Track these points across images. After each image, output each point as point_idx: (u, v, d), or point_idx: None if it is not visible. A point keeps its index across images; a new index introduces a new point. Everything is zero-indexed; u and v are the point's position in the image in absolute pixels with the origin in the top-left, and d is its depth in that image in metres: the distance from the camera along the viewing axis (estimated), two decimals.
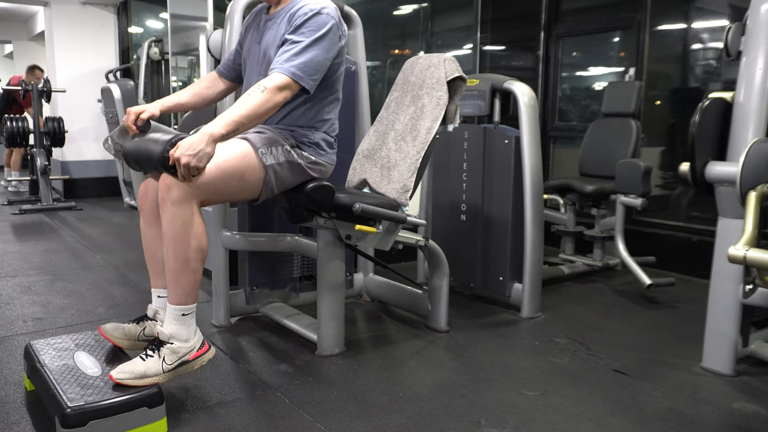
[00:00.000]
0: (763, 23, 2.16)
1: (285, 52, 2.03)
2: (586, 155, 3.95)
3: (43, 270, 3.71)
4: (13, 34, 10.84)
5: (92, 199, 6.84)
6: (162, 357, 1.85)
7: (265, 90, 1.95)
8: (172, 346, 1.87)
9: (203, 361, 1.93)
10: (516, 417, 1.96)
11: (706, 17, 4.14)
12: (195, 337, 1.93)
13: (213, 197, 1.99)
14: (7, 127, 6.17)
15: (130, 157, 2.00)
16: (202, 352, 1.93)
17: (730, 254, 2.00)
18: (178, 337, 1.88)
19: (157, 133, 1.94)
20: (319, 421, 1.91)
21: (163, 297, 2.10)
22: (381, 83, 5.29)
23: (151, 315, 2.12)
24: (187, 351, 1.89)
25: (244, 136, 2.08)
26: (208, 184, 1.89)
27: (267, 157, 2.06)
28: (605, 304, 3.25)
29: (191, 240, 1.85)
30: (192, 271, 1.88)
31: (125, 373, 1.80)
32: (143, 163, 1.95)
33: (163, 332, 1.89)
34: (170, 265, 1.88)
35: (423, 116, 2.43)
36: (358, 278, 3.17)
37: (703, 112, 2.20)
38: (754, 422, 1.97)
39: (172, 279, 1.88)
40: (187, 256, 1.86)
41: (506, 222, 3.00)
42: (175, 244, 1.85)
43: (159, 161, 1.81)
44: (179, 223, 1.83)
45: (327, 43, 2.06)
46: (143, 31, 7.34)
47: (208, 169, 1.87)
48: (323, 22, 2.06)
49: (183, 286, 1.88)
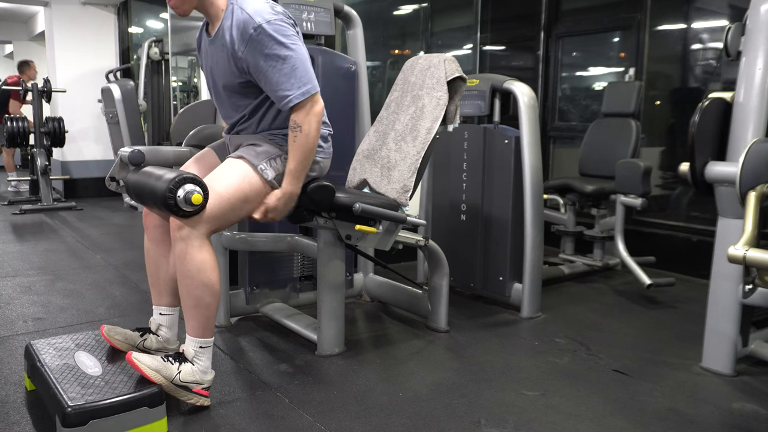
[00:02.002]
0: (763, 23, 2.16)
1: (276, 85, 1.97)
2: (586, 155, 3.95)
3: (43, 270, 3.71)
4: (13, 34, 10.83)
5: (92, 199, 6.84)
6: (179, 370, 1.90)
7: (298, 128, 1.99)
8: (194, 367, 1.93)
9: (199, 401, 1.96)
10: (516, 417, 1.96)
11: (706, 17, 4.14)
12: (210, 375, 1.99)
13: (223, 225, 2.02)
14: (7, 127, 6.17)
15: (132, 194, 2.04)
16: (203, 393, 1.97)
17: (729, 254, 2.00)
18: (199, 365, 1.95)
19: (160, 170, 1.95)
20: (319, 421, 1.92)
21: (165, 315, 2.16)
22: (381, 83, 5.30)
23: (154, 329, 2.16)
24: (199, 381, 1.94)
25: (239, 155, 2.06)
26: (216, 216, 1.92)
27: (267, 172, 2.04)
28: (605, 304, 3.26)
29: (203, 278, 1.91)
30: (205, 307, 1.93)
31: (142, 359, 1.85)
32: (146, 200, 2.00)
33: (189, 351, 1.95)
34: (184, 299, 1.95)
35: (423, 116, 2.43)
36: (358, 278, 3.17)
37: (703, 112, 2.20)
38: (754, 422, 1.97)
39: (187, 312, 1.95)
40: (198, 293, 1.92)
41: (506, 222, 3.00)
42: (188, 281, 1.91)
43: (161, 201, 1.83)
44: (191, 262, 1.89)
45: (291, 40, 1.98)
46: (143, 31, 7.35)
47: (212, 203, 1.89)
48: (273, 30, 1.93)
49: (198, 320, 1.94)
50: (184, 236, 1.88)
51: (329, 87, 2.83)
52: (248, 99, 2.10)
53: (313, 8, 2.80)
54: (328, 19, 2.85)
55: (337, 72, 2.91)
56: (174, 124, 3.37)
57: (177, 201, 1.81)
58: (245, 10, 1.95)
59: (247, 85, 2.06)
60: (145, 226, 2.15)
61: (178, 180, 1.81)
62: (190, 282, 1.90)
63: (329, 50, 2.91)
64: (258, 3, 1.98)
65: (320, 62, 2.81)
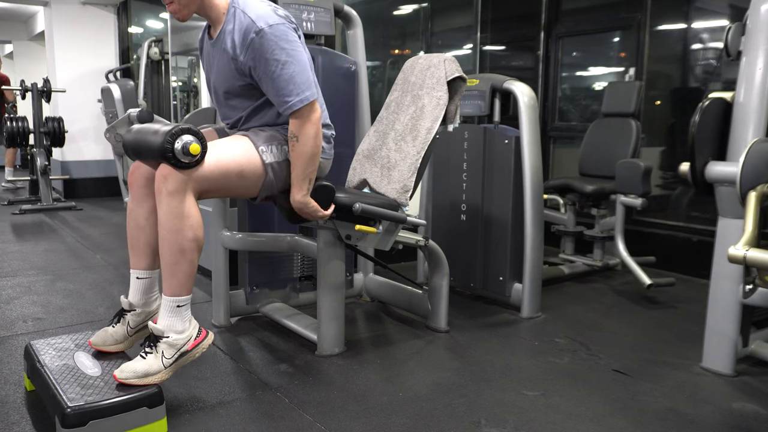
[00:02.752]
0: (763, 23, 2.16)
1: (275, 90, 1.97)
2: (586, 155, 3.95)
3: (43, 270, 3.71)
4: (13, 34, 10.83)
5: (92, 199, 6.84)
6: (161, 352, 1.84)
7: (297, 137, 1.99)
8: (168, 339, 1.85)
9: (204, 347, 1.92)
10: (516, 417, 1.96)
11: (706, 17, 4.14)
12: (191, 326, 1.91)
13: (211, 190, 1.95)
14: (7, 127, 6.17)
15: (129, 147, 1.97)
16: (200, 339, 1.92)
17: (730, 254, 2.00)
18: (172, 330, 1.87)
19: (157, 125, 1.93)
20: (319, 421, 1.91)
21: (143, 278, 2.05)
22: (381, 83, 5.29)
23: (127, 307, 2.06)
24: (185, 341, 1.88)
25: (245, 133, 2.08)
26: (207, 176, 1.88)
27: (267, 155, 2.04)
28: (605, 304, 3.25)
29: (187, 230, 1.83)
30: (188, 261, 1.86)
31: (128, 372, 1.79)
32: (142, 152, 1.93)
33: (157, 327, 1.86)
34: (165, 256, 1.86)
35: (423, 116, 2.43)
36: (358, 278, 3.17)
37: (703, 112, 2.20)
38: (754, 422, 1.97)
39: (168, 270, 1.86)
40: (183, 246, 1.84)
41: (506, 222, 3.00)
42: (171, 235, 1.83)
43: (158, 151, 1.79)
44: (175, 213, 1.81)
45: (292, 46, 1.98)
46: (143, 31, 7.34)
47: (208, 162, 1.86)
48: (274, 35, 1.93)
49: (178, 277, 1.86)
50: (170, 189, 1.81)
51: (329, 87, 2.83)
52: (249, 101, 2.11)
53: (313, 8, 2.80)
54: (328, 19, 2.85)
55: (337, 72, 2.91)
56: None
57: (175, 151, 1.77)
58: (247, 14, 1.95)
59: (248, 88, 2.06)
60: (130, 185, 2.05)
61: (176, 131, 1.79)
62: (173, 236, 1.82)
63: (329, 50, 2.91)
64: (261, 7, 1.98)
65: (320, 62, 2.81)
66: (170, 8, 1.99)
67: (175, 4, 1.97)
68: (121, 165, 6.48)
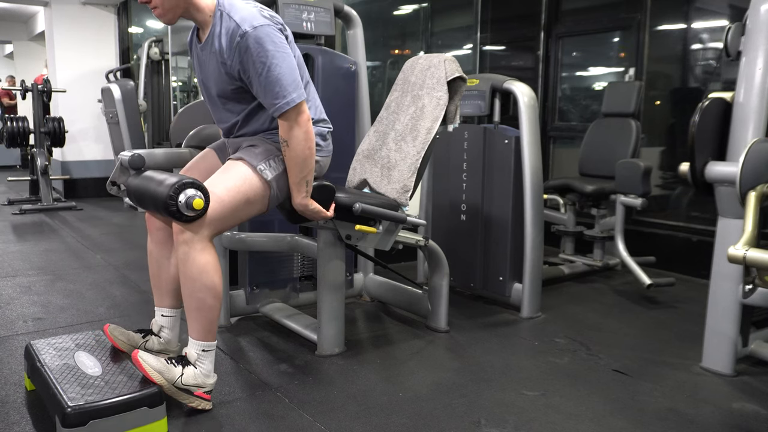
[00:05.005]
0: (763, 23, 2.16)
1: (263, 92, 1.97)
2: (586, 155, 3.95)
3: (43, 270, 3.71)
4: (13, 34, 10.84)
5: (92, 199, 6.84)
6: (182, 373, 1.90)
7: (286, 141, 2.00)
8: (196, 371, 1.93)
9: (200, 404, 1.95)
10: (516, 417, 1.96)
11: (706, 17, 4.14)
12: (212, 379, 1.98)
13: (225, 227, 2.02)
14: (7, 127, 6.17)
15: (133, 198, 2.05)
16: (205, 397, 1.96)
17: (729, 254, 2.00)
18: (202, 368, 1.95)
19: (159, 176, 1.95)
20: (319, 421, 1.92)
21: (167, 316, 2.17)
22: (381, 83, 5.30)
23: (156, 330, 2.17)
24: (201, 385, 1.94)
25: (239, 156, 2.05)
26: (217, 219, 1.93)
27: (266, 172, 2.03)
28: (605, 304, 3.25)
29: (206, 281, 1.91)
30: (207, 309, 1.94)
31: (147, 359, 1.85)
32: (147, 205, 2.00)
33: (192, 355, 1.94)
34: (187, 302, 1.95)
35: (423, 116, 2.43)
36: (358, 278, 3.17)
37: (703, 112, 2.20)
38: (754, 422, 1.97)
39: (190, 315, 1.95)
40: (201, 296, 1.92)
41: (506, 222, 3.00)
42: (191, 284, 1.91)
43: (162, 207, 1.84)
44: (193, 266, 1.89)
45: (277, 47, 1.95)
46: (143, 31, 7.35)
47: (214, 206, 1.89)
48: (259, 36, 1.91)
49: (201, 323, 1.94)
50: (187, 240, 1.88)
51: (329, 87, 2.83)
52: (242, 104, 2.09)
53: (313, 8, 2.80)
54: (328, 19, 2.85)
55: (337, 72, 2.91)
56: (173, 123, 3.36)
57: (179, 206, 1.81)
58: (233, 17, 1.93)
59: (240, 91, 2.04)
60: (149, 229, 2.15)
61: (179, 185, 1.81)
62: (192, 285, 1.90)
63: (329, 50, 2.91)
64: (245, 9, 1.96)
65: (320, 62, 2.81)
66: (155, 12, 1.98)
67: (159, 9, 1.95)
68: None
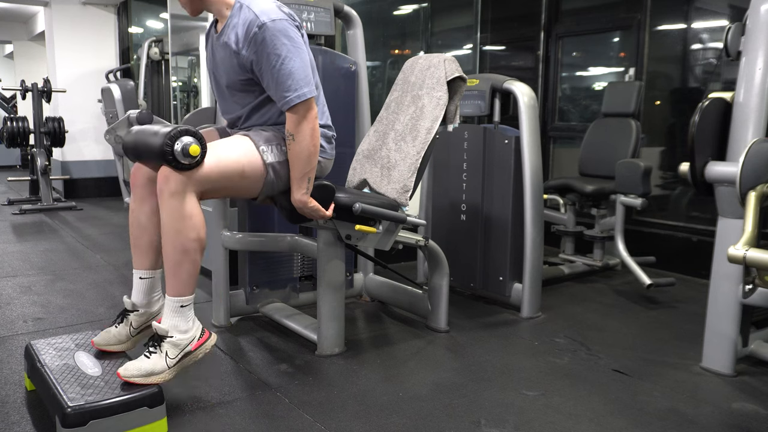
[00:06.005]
0: (763, 23, 2.16)
1: (273, 85, 1.99)
2: (586, 155, 3.95)
3: (43, 270, 3.71)
4: (13, 34, 10.83)
5: (92, 199, 6.84)
6: (164, 352, 1.85)
7: (293, 135, 2.00)
8: (172, 339, 1.86)
9: (206, 348, 1.93)
10: (516, 417, 1.96)
11: (706, 17, 4.14)
12: (194, 326, 1.92)
13: (212, 191, 1.97)
14: (7, 127, 6.17)
15: (128, 148, 1.98)
16: (203, 341, 1.93)
17: (729, 254, 2.00)
18: (176, 330, 1.88)
19: (156, 126, 1.93)
20: (319, 421, 1.92)
21: (146, 278, 2.06)
22: (381, 83, 5.29)
23: (130, 307, 2.07)
24: (188, 342, 1.89)
25: (246, 133, 2.08)
26: (207, 176, 1.88)
27: (267, 154, 2.05)
28: (605, 304, 3.25)
29: (189, 231, 1.84)
30: (191, 261, 1.87)
31: (132, 370, 1.80)
32: (142, 154, 1.94)
33: (161, 327, 1.87)
34: (169, 256, 1.87)
35: (423, 116, 2.43)
36: (358, 278, 3.17)
37: (703, 112, 2.20)
38: (754, 422, 1.97)
39: (171, 270, 1.88)
40: (186, 246, 1.85)
41: (506, 222, 3.00)
42: (174, 235, 1.84)
43: (158, 153, 1.80)
44: (177, 214, 1.82)
45: (294, 42, 1.99)
46: (143, 31, 7.34)
47: (208, 163, 1.87)
48: (277, 29, 1.95)
49: (182, 277, 1.87)
50: (172, 190, 1.82)
51: (329, 87, 2.83)
52: (250, 97, 2.12)
53: (313, 8, 2.80)
54: (328, 19, 2.85)
55: (337, 72, 2.92)
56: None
57: (174, 152, 1.78)
58: (252, 8, 1.98)
59: (249, 83, 2.07)
60: (133, 185, 2.06)
61: (175, 132, 1.79)
62: (175, 236, 1.84)
63: (329, 50, 2.91)
64: (265, 3, 2.01)
65: (320, 62, 2.81)
66: (180, 2, 2.07)
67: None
68: (121, 165, 6.48)
